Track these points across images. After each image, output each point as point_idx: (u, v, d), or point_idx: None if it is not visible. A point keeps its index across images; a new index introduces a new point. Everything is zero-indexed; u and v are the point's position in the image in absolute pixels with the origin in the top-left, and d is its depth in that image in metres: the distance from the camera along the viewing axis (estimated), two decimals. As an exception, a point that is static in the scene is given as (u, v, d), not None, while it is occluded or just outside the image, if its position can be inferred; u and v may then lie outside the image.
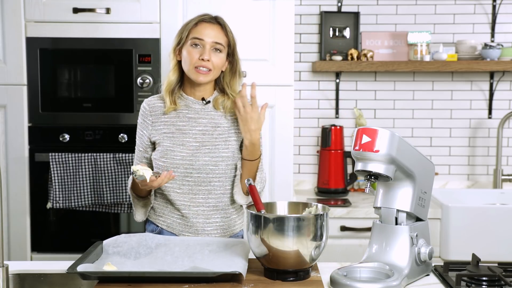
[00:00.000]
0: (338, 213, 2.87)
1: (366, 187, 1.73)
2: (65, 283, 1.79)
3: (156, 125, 2.10)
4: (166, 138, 2.07)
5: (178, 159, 2.03)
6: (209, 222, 2.08)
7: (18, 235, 2.86)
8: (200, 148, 2.05)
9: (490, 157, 3.40)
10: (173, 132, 2.07)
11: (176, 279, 1.66)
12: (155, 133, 2.10)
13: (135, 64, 2.81)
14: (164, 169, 2.04)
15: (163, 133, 2.08)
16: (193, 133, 2.07)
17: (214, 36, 2.04)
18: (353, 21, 3.32)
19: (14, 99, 2.82)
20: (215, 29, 2.06)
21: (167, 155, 2.04)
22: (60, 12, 2.78)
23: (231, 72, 2.12)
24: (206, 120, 2.08)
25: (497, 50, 3.19)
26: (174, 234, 2.09)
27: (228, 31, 2.08)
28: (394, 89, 3.39)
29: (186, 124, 2.08)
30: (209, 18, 2.08)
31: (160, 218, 2.13)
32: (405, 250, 1.70)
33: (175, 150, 2.04)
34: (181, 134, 2.06)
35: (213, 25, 2.07)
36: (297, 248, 1.65)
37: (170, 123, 2.08)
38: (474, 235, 2.78)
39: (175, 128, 2.08)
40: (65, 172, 2.79)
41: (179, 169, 2.03)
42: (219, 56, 2.05)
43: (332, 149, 3.22)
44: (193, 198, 2.06)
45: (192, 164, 2.03)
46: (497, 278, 1.67)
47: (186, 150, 2.04)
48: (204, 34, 2.04)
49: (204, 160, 2.03)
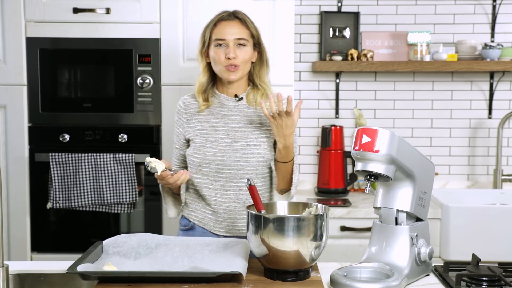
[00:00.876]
0: (338, 213, 2.87)
1: (366, 187, 1.73)
2: (65, 283, 1.79)
3: (190, 122, 2.14)
4: (200, 134, 2.10)
5: (210, 155, 2.06)
6: (240, 218, 2.09)
7: (18, 235, 2.86)
8: (232, 145, 2.07)
9: (490, 157, 3.40)
10: (206, 129, 2.10)
11: (176, 279, 1.66)
12: (189, 130, 2.13)
13: (135, 64, 2.81)
14: (196, 164, 2.08)
15: (197, 130, 2.11)
16: (225, 130, 2.09)
17: (235, 32, 2.06)
18: (353, 21, 3.32)
19: (14, 99, 2.82)
20: (235, 25, 2.07)
21: (200, 151, 2.07)
22: (60, 12, 2.78)
23: (260, 62, 2.14)
24: (239, 117, 2.11)
25: (497, 50, 3.19)
26: (206, 229, 2.12)
27: (248, 23, 2.09)
28: (394, 89, 3.39)
29: (219, 121, 2.11)
30: (227, 15, 2.09)
31: (192, 213, 2.16)
32: (405, 250, 1.70)
33: (207, 146, 2.07)
34: (214, 130, 2.10)
35: (232, 21, 2.08)
36: (297, 248, 1.65)
37: (204, 120, 2.12)
38: (474, 235, 2.78)
39: (208, 125, 2.11)
40: (65, 172, 2.79)
41: (210, 165, 2.06)
42: (245, 50, 2.06)
43: (332, 149, 3.22)
44: (224, 194, 2.08)
45: (224, 160, 2.05)
46: (497, 278, 1.67)
47: (218, 146, 2.07)
48: (224, 33, 2.06)
49: (236, 157, 2.05)
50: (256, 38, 2.10)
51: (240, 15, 2.10)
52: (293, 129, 2.00)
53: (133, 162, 2.79)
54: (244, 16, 2.10)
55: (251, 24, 2.09)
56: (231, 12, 2.11)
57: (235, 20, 2.08)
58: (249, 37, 2.09)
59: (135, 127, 2.85)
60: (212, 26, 2.09)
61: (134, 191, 2.80)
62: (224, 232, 2.11)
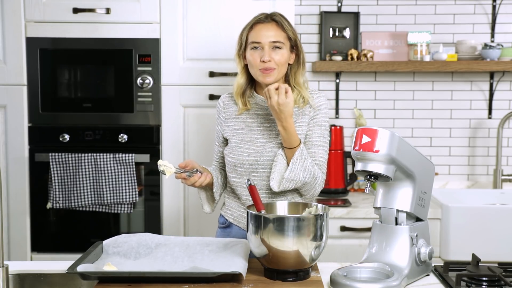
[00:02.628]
0: (338, 213, 2.87)
1: (366, 187, 1.73)
2: (65, 283, 1.79)
3: (228, 121, 2.15)
4: (236, 134, 2.12)
5: (245, 156, 2.07)
6: None
7: (18, 235, 2.86)
8: (266, 144, 2.08)
9: (490, 157, 3.40)
10: (242, 129, 2.12)
11: (176, 279, 1.66)
12: (226, 129, 2.15)
13: (135, 64, 2.81)
14: (231, 164, 2.10)
15: (234, 129, 2.13)
16: (261, 130, 2.10)
17: (271, 35, 2.05)
18: (353, 21, 3.32)
19: (14, 99, 2.82)
20: (271, 28, 2.06)
21: (235, 151, 2.09)
22: (60, 12, 2.78)
23: (297, 64, 2.13)
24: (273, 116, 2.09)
25: (497, 50, 3.19)
26: (241, 228, 2.14)
27: (285, 26, 2.07)
28: (394, 89, 3.39)
29: (255, 121, 2.12)
30: (264, 18, 2.09)
31: (228, 212, 2.19)
32: (405, 250, 1.70)
33: (242, 146, 2.09)
34: (250, 130, 2.11)
35: (268, 24, 2.07)
36: (297, 248, 1.65)
37: (241, 120, 2.13)
38: (474, 235, 2.78)
39: (244, 124, 2.12)
40: (65, 172, 2.79)
41: (245, 165, 2.07)
42: (280, 53, 2.05)
43: (332, 149, 3.22)
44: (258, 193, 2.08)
45: (257, 160, 2.06)
46: (497, 278, 1.67)
47: (253, 146, 2.08)
48: (260, 36, 2.05)
49: (269, 156, 2.06)
50: (293, 40, 2.09)
51: (277, 18, 2.08)
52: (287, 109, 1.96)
53: (133, 162, 2.79)
54: (281, 19, 2.09)
55: (288, 27, 2.08)
56: (268, 14, 2.10)
57: (271, 23, 2.07)
58: (286, 39, 2.07)
59: (135, 127, 2.85)
60: (248, 29, 2.09)
61: (134, 191, 2.80)
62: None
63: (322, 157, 2.10)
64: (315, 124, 2.10)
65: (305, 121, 2.09)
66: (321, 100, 2.13)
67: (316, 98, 2.12)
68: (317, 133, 2.10)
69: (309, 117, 2.10)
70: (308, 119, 2.10)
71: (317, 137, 2.10)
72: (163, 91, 2.82)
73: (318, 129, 2.10)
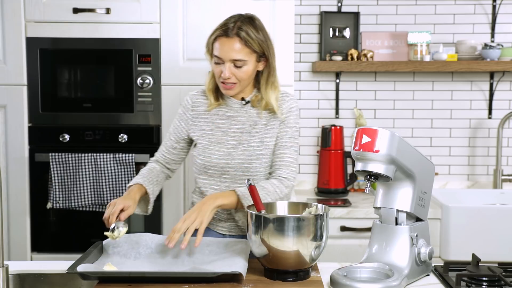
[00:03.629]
0: (338, 213, 2.87)
1: (366, 187, 1.73)
2: (65, 283, 1.79)
3: (196, 120, 2.12)
4: (205, 135, 2.10)
5: (215, 158, 2.06)
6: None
7: (18, 235, 2.86)
8: (237, 147, 2.07)
9: (490, 157, 3.40)
10: (212, 130, 2.10)
11: (176, 279, 1.66)
12: (194, 129, 2.12)
13: (135, 64, 2.81)
14: (202, 166, 2.08)
15: (202, 130, 2.11)
16: (231, 132, 2.09)
17: (233, 53, 1.98)
18: (353, 21, 3.32)
19: (14, 99, 2.82)
20: (233, 44, 1.98)
21: (205, 153, 2.07)
22: (60, 12, 2.78)
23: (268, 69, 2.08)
24: (244, 118, 2.10)
25: (497, 50, 3.19)
26: (210, 229, 2.12)
27: (249, 41, 1.99)
28: (394, 89, 3.39)
29: (225, 122, 2.10)
30: (230, 31, 1.99)
31: None
32: (405, 250, 1.70)
33: (212, 148, 2.07)
34: (220, 132, 2.09)
35: (231, 40, 1.99)
36: (297, 248, 1.65)
37: (210, 120, 2.11)
38: (474, 235, 2.78)
39: (214, 125, 2.10)
40: (65, 172, 2.79)
41: (215, 168, 2.06)
42: (242, 70, 2.01)
43: (332, 149, 3.22)
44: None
45: (228, 162, 2.05)
46: (497, 278, 1.67)
47: (223, 148, 2.06)
48: (221, 52, 1.99)
49: (240, 158, 2.05)
50: (260, 52, 2.04)
51: (242, 33, 1.98)
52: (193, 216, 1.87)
53: (133, 162, 2.79)
54: (247, 34, 1.99)
55: (252, 42, 1.99)
56: (234, 24, 2.00)
57: (234, 39, 1.98)
58: (250, 54, 2.01)
59: (135, 127, 2.85)
60: (212, 40, 2.04)
61: (134, 191, 2.80)
62: (226, 231, 2.12)
63: (291, 157, 2.10)
64: (286, 126, 2.10)
65: (276, 124, 2.09)
66: (292, 103, 2.12)
67: (287, 101, 2.11)
68: (288, 135, 2.09)
69: (280, 119, 2.09)
70: (279, 122, 2.09)
71: (287, 138, 2.10)
72: (163, 91, 2.82)
73: (289, 130, 2.10)
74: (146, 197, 2.08)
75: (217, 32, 2.03)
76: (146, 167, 2.17)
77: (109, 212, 1.88)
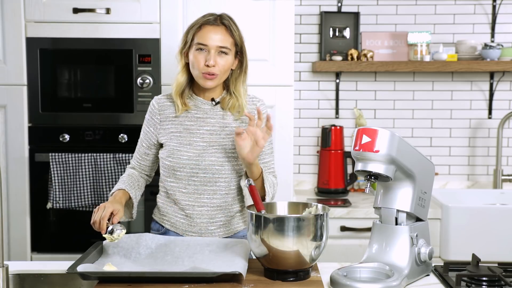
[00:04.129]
0: (338, 213, 2.87)
1: (366, 187, 1.73)
2: (65, 283, 1.79)
3: (164, 124, 2.09)
4: (174, 137, 2.06)
5: (185, 159, 2.03)
6: (212, 222, 2.08)
7: (18, 235, 2.86)
8: (207, 148, 2.04)
9: (490, 157, 3.40)
10: (180, 132, 2.07)
11: (176, 279, 1.66)
12: (163, 133, 2.09)
13: (135, 64, 2.81)
14: (170, 168, 2.05)
15: (171, 133, 2.07)
16: (200, 133, 2.06)
17: (219, 40, 2.00)
18: (353, 21, 3.32)
19: (14, 99, 2.82)
20: (219, 31, 2.01)
21: (174, 155, 2.04)
22: (60, 12, 2.78)
23: (239, 71, 2.09)
24: (214, 120, 2.08)
25: (497, 50, 3.19)
26: (178, 234, 2.09)
27: (233, 31, 2.03)
28: (394, 89, 3.39)
29: (194, 124, 2.07)
30: (213, 20, 2.03)
31: (164, 218, 2.12)
32: (405, 250, 1.70)
33: (181, 150, 2.04)
34: (189, 133, 2.06)
35: (217, 27, 2.02)
36: (297, 248, 1.65)
37: (178, 122, 2.08)
38: (474, 235, 2.78)
39: (182, 127, 2.07)
40: (65, 172, 2.79)
41: (185, 169, 2.03)
42: (225, 59, 2.01)
43: (332, 149, 3.22)
44: (198, 198, 2.06)
45: (199, 164, 2.03)
46: (497, 278, 1.67)
47: (193, 150, 2.03)
48: (208, 38, 2.00)
49: (211, 160, 2.03)
50: (239, 46, 2.05)
51: (226, 22, 2.03)
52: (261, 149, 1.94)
53: (133, 162, 2.79)
54: (231, 23, 2.04)
55: (236, 32, 2.03)
56: (217, 16, 2.05)
57: (220, 27, 2.01)
58: (232, 45, 2.02)
59: (135, 127, 2.84)
60: (196, 28, 2.03)
61: (134, 191, 2.80)
62: (196, 235, 2.08)
63: (273, 163, 2.14)
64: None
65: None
66: (264, 108, 2.10)
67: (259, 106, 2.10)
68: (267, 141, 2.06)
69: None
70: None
71: (267, 145, 2.10)
72: (163, 91, 2.82)
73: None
74: (129, 201, 2.07)
75: (201, 21, 2.03)
76: (125, 173, 2.15)
77: (99, 215, 1.86)
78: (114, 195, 2.01)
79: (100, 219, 1.85)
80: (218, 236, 2.09)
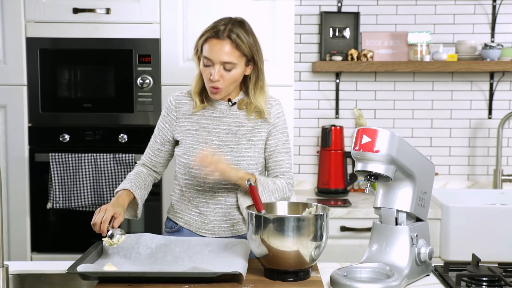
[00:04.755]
0: (338, 213, 2.87)
1: (366, 187, 1.73)
2: (65, 283, 1.79)
3: (180, 121, 2.10)
4: (190, 135, 2.07)
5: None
6: (226, 220, 2.08)
7: (18, 235, 2.86)
8: (223, 147, 2.05)
9: (490, 157, 3.40)
10: (196, 130, 2.08)
11: (176, 279, 1.66)
12: (178, 130, 2.10)
13: (135, 64, 2.81)
14: (186, 166, 2.06)
15: (187, 130, 2.08)
16: (216, 132, 2.07)
17: (223, 55, 1.96)
18: (353, 21, 3.32)
19: (14, 99, 2.82)
20: (224, 46, 1.97)
21: (190, 153, 2.05)
22: (60, 12, 2.78)
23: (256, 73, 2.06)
24: (230, 119, 2.08)
25: (497, 50, 3.19)
26: (192, 231, 2.10)
27: (240, 44, 1.97)
28: (394, 89, 3.39)
29: (210, 122, 2.08)
30: (221, 33, 1.97)
31: (178, 215, 2.14)
32: (405, 250, 1.70)
33: (197, 148, 2.04)
34: (205, 132, 2.07)
35: (222, 42, 1.96)
36: (297, 248, 1.65)
37: (195, 120, 2.09)
38: (474, 235, 2.78)
39: (199, 126, 2.08)
40: (65, 172, 2.79)
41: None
42: (230, 74, 2.00)
43: (332, 149, 3.22)
44: (212, 196, 2.07)
45: None
46: (497, 279, 1.67)
47: (209, 148, 2.04)
48: (212, 53, 1.97)
49: (226, 159, 2.02)
50: (249, 56, 2.01)
51: (233, 35, 1.97)
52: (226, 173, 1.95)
53: (133, 162, 2.79)
54: (238, 36, 1.97)
55: (242, 45, 1.98)
56: (226, 26, 1.98)
57: (225, 41, 1.96)
58: (240, 57, 1.99)
59: (135, 127, 2.85)
60: (202, 41, 2.01)
61: (134, 191, 2.80)
62: (209, 233, 2.09)
63: (288, 163, 2.12)
64: (278, 132, 2.10)
65: (264, 128, 2.08)
66: (279, 108, 2.12)
67: (275, 106, 2.11)
68: (282, 141, 2.10)
69: (270, 123, 2.08)
70: (269, 126, 2.08)
71: (282, 144, 2.10)
72: (163, 91, 2.82)
73: (281, 136, 2.10)
74: (134, 201, 2.07)
75: (208, 34, 2.00)
76: (133, 171, 2.15)
77: (100, 217, 1.86)
78: (117, 195, 2.01)
79: (101, 222, 1.85)
80: (232, 234, 2.09)
